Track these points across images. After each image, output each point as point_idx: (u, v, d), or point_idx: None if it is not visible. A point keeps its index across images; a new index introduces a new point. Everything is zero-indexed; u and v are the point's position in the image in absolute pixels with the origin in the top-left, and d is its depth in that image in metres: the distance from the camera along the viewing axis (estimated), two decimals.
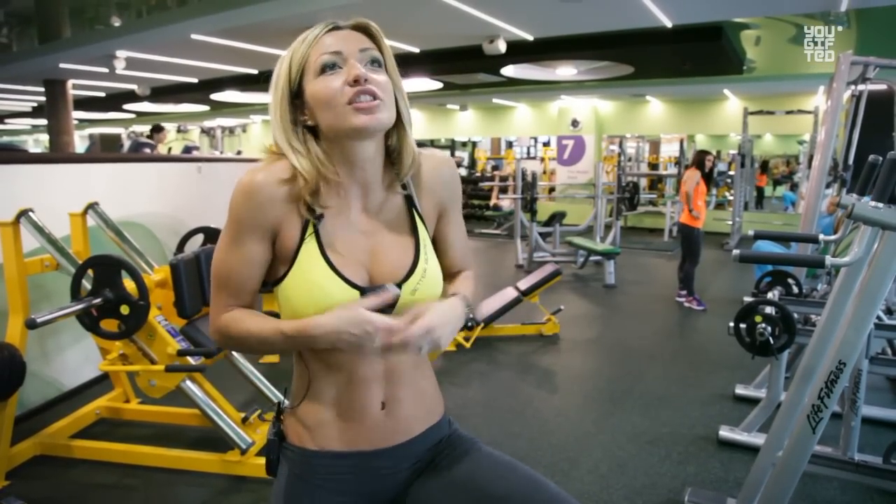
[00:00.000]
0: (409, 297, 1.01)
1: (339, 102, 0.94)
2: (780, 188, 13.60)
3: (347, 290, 0.97)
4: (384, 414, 1.04)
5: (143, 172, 4.49)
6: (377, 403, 1.03)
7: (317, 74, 0.96)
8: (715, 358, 4.37)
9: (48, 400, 3.44)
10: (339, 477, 1.05)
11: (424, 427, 1.10)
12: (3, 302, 2.76)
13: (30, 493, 2.52)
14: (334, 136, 0.98)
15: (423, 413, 1.10)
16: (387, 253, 1.02)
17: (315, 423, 1.04)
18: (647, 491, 2.61)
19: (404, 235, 1.05)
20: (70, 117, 9.46)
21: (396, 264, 1.02)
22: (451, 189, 1.12)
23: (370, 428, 1.04)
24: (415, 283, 1.01)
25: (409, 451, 1.08)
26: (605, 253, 6.96)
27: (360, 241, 1.02)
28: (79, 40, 7.88)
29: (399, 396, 1.05)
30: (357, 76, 0.94)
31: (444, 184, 1.10)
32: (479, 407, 3.56)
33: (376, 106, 0.94)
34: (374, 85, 0.95)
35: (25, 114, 15.13)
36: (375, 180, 1.04)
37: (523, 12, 5.82)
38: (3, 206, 2.72)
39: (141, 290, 2.51)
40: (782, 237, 3.91)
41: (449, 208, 1.12)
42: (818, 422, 1.90)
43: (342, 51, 0.96)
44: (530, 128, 14.13)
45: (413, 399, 1.07)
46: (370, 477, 1.06)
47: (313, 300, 0.96)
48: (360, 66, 0.95)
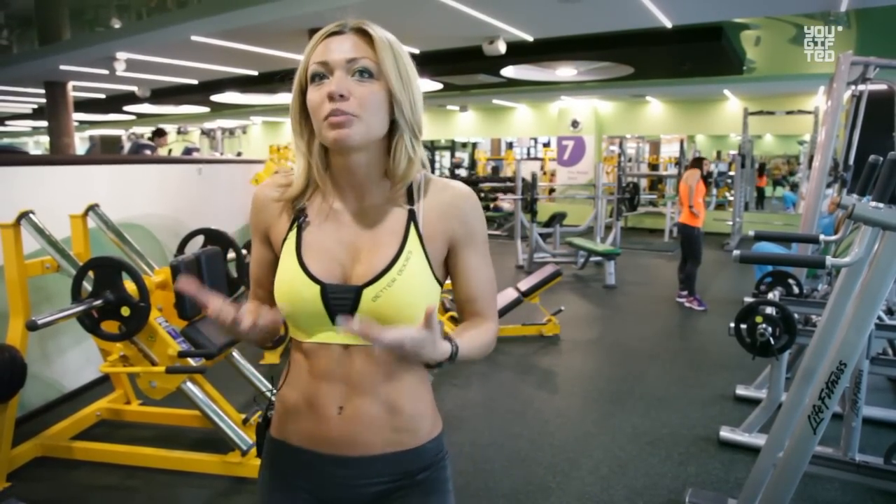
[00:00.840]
0: (370, 302, 0.98)
1: (319, 116, 0.96)
2: (780, 189, 13.60)
3: (308, 284, 0.99)
4: (340, 418, 1.01)
5: (143, 174, 4.49)
6: (333, 405, 1.01)
7: (309, 83, 0.99)
8: (716, 358, 4.37)
9: (49, 402, 3.44)
10: (300, 471, 1.07)
11: (392, 448, 1.03)
12: (3, 304, 2.76)
13: (31, 494, 2.52)
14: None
15: (389, 431, 1.03)
16: (368, 255, 1.01)
17: (283, 411, 1.08)
18: (648, 492, 2.61)
19: (388, 244, 1.02)
20: (70, 119, 9.46)
21: (370, 267, 1.00)
22: (466, 224, 1.05)
23: (326, 430, 1.01)
24: (378, 290, 0.98)
25: (369, 469, 1.03)
26: (606, 254, 6.96)
27: (344, 241, 1.03)
28: (79, 42, 7.89)
29: (359, 405, 1.01)
30: (330, 93, 0.94)
31: (459, 216, 1.05)
32: (479, 408, 3.56)
33: (346, 121, 0.94)
34: (352, 101, 0.95)
35: (26, 115, 15.13)
36: (368, 186, 1.04)
37: (523, 13, 5.82)
38: (4, 208, 2.72)
39: (141, 292, 2.51)
40: (783, 238, 3.90)
41: (462, 243, 1.06)
42: (819, 422, 1.90)
43: (329, 62, 0.96)
44: (530, 128, 14.14)
45: (378, 412, 1.02)
46: (328, 482, 1.05)
47: (282, 292, 1.02)
48: (338, 82, 0.95)
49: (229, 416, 2.76)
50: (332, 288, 0.99)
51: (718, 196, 12.21)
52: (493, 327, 1.10)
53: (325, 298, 0.98)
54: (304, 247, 1.02)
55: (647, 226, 11.97)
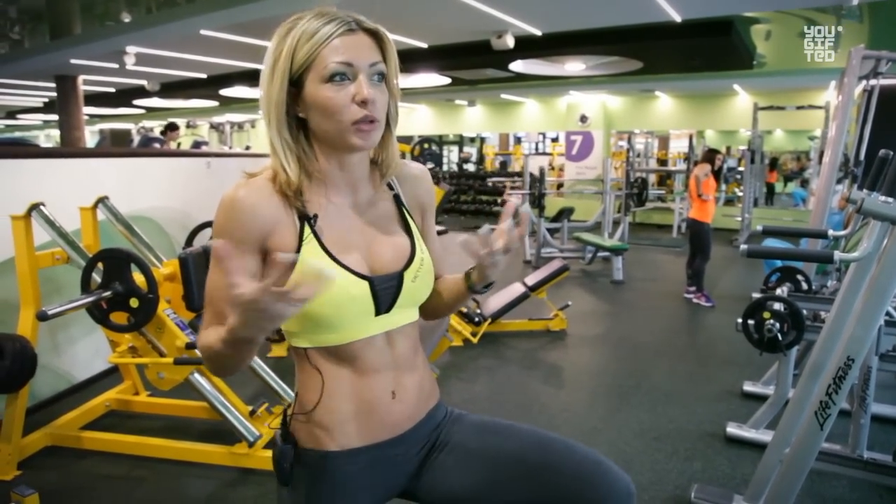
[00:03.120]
0: (411, 284, 1.06)
1: (343, 118, 0.96)
2: (790, 184, 13.51)
3: (357, 282, 1.00)
4: (395, 402, 1.07)
5: (152, 167, 4.52)
6: (388, 392, 1.06)
7: (324, 80, 0.95)
8: (723, 354, 4.36)
9: (59, 392, 3.48)
10: (359, 472, 1.06)
11: (427, 410, 1.14)
12: (14, 295, 2.78)
13: (40, 483, 2.53)
14: (327, 141, 1.01)
15: (425, 397, 1.13)
16: (383, 245, 1.07)
17: (333, 422, 1.04)
18: (654, 487, 2.61)
19: (398, 229, 1.11)
20: (81, 113, 9.51)
21: (395, 254, 1.07)
22: (430, 196, 1.21)
23: (384, 417, 1.06)
24: (415, 271, 1.07)
25: (418, 435, 1.11)
26: (613, 249, 6.94)
27: (356, 235, 1.05)
28: (89, 36, 7.92)
29: (405, 383, 1.08)
30: (365, 98, 0.95)
31: (424, 189, 1.19)
32: (485, 402, 3.56)
33: (373, 129, 0.99)
34: (376, 107, 0.98)
35: (37, 109, 15.22)
36: (363, 178, 1.09)
37: (531, 7, 5.80)
38: (15, 201, 2.74)
39: (150, 284, 2.53)
40: (791, 233, 3.89)
41: (428, 213, 1.20)
42: (826, 418, 1.89)
43: (354, 63, 0.95)
44: (538, 123, 14.09)
45: (416, 384, 1.11)
46: (387, 466, 1.09)
47: (326, 296, 0.96)
48: (367, 86, 0.96)
49: (236, 408, 2.77)
50: (378, 280, 1.02)
51: (728, 192, 12.14)
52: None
53: (375, 291, 1.01)
54: (330, 247, 1.00)
55: (655, 221, 11.91)
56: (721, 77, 9.36)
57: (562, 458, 1.09)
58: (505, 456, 1.10)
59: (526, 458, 1.09)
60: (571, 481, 1.06)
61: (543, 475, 1.07)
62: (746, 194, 9.94)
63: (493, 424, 1.17)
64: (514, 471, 1.08)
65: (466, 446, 1.12)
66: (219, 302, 0.97)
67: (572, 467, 1.07)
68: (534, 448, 1.10)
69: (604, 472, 1.07)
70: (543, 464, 1.08)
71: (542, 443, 1.12)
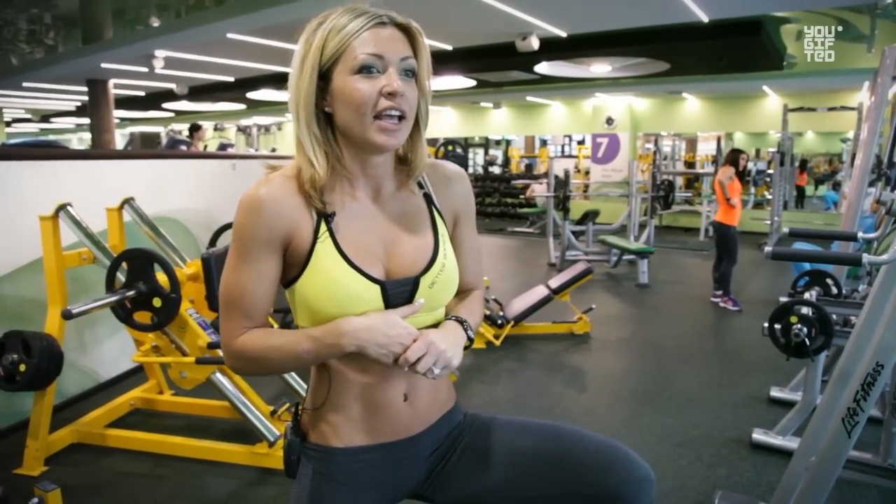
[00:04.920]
0: (427, 290, 1.02)
1: (367, 111, 0.94)
2: (821, 188, 13.23)
3: (368, 285, 0.98)
4: (407, 405, 1.05)
5: (178, 169, 4.58)
6: (400, 395, 1.05)
7: (353, 72, 0.93)
8: (750, 359, 4.27)
9: (85, 390, 3.54)
10: (364, 471, 1.05)
11: (441, 414, 1.12)
12: (43, 293, 2.83)
13: (65, 479, 2.58)
14: (351, 138, 0.99)
15: (440, 401, 1.12)
16: (403, 246, 1.03)
17: (340, 420, 1.04)
18: (677, 493, 2.56)
19: (422, 231, 1.06)
20: (111, 116, 9.70)
21: (414, 257, 1.03)
22: (465, 201, 1.14)
23: (394, 419, 1.05)
24: (433, 277, 1.02)
25: (429, 439, 1.10)
26: (639, 252, 6.86)
27: (374, 236, 1.02)
28: (119, 41, 8.09)
29: (419, 387, 1.07)
30: (394, 90, 0.93)
31: (459, 194, 1.13)
32: (507, 405, 3.54)
33: (399, 129, 0.96)
34: (405, 102, 0.95)
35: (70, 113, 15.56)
36: (387, 176, 1.06)
37: (556, 8, 5.77)
38: (44, 201, 2.79)
39: (172, 283, 2.55)
40: (819, 235, 3.78)
41: (462, 219, 1.14)
42: (854, 426, 1.83)
43: (385, 56, 0.94)
44: (564, 126, 14.02)
45: (431, 388, 1.09)
46: (394, 467, 1.07)
47: (333, 296, 0.96)
48: (398, 79, 0.94)
49: (257, 408, 2.79)
50: (391, 284, 0.99)
51: (757, 195, 11.93)
52: (481, 294, 1.21)
53: (386, 296, 0.99)
54: (344, 247, 0.98)
55: (682, 224, 11.76)
56: (750, 78, 9.20)
57: (578, 445, 1.07)
58: (520, 451, 1.08)
59: (541, 450, 1.08)
60: (590, 467, 1.04)
61: (562, 463, 1.05)
62: (775, 197, 9.74)
63: (506, 421, 1.15)
64: (530, 464, 1.07)
65: (479, 446, 1.11)
66: (250, 301, 0.99)
67: (591, 452, 1.06)
68: (549, 439, 1.09)
69: (622, 456, 1.06)
70: (561, 453, 1.06)
71: (557, 433, 1.10)
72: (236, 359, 1.01)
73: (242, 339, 0.99)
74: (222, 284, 1.01)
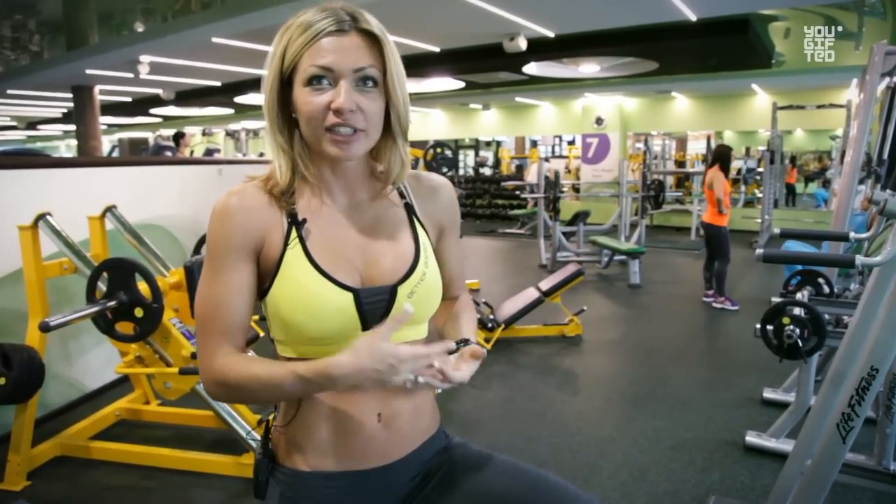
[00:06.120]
0: (406, 299, 0.97)
1: (318, 124, 0.91)
2: (811, 185, 13.28)
3: (339, 293, 0.93)
4: (381, 427, 0.98)
5: (163, 175, 4.52)
6: (373, 416, 0.98)
7: (303, 83, 0.91)
8: (742, 360, 4.25)
9: (70, 401, 3.47)
10: (332, 499, 0.99)
11: (423, 439, 1.05)
12: (24, 305, 2.77)
13: (49, 494, 2.53)
14: (311, 145, 0.96)
15: (423, 425, 1.06)
16: (382, 254, 0.99)
17: (308, 441, 0.98)
18: (670, 498, 2.53)
19: (403, 239, 1.02)
20: (97, 122, 9.63)
21: (393, 265, 0.99)
22: (450, 212, 1.12)
23: (366, 443, 0.98)
24: (412, 286, 0.98)
25: (406, 467, 1.03)
26: (630, 252, 6.85)
27: (350, 243, 0.98)
28: (103, 46, 8.01)
29: (396, 407, 1.00)
30: (339, 107, 0.89)
31: (443, 205, 1.10)
32: (498, 409, 3.50)
33: (353, 140, 0.92)
34: (358, 115, 0.91)
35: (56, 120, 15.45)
36: (359, 180, 1.03)
37: (543, 8, 5.75)
38: (26, 210, 2.73)
39: (154, 293, 2.50)
40: (810, 235, 3.77)
41: (447, 229, 1.11)
42: (848, 431, 1.81)
43: (334, 68, 0.90)
44: (554, 126, 14.03)
45: (411, 410, 1.02)
46: (367, 497, 1.01)
47: (303, 305, 0.92)
48: (347, 95, 0.89)
49: (244, 418, 2.74)
50: (365, 293, 0.94)
51: (747, 193, 11.96)
52: (469, 298, 1.20)
53: (360, 305, 0.94)
54: (314, 253, 0.94)
55: (673, 224, 11.77)
56: (739, 77, 9.22)
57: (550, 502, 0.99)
58: (489, 497, 1.00)
59: (509, 500, 0.99)
60: None
61: None
62: (766, 195, 9.76)
63: (487, 460, 1.06)
64: None
65: (454, 481, 1.04)
66: (226, 315, 0.94)
67: None
68: (521, 490, 1.00)
69: None
70: None
71: (533, 485, 1.01)
72: (215, 384, 0.95)
73: (223, 362, 0.93)
74: (197, 300, 0.97)
